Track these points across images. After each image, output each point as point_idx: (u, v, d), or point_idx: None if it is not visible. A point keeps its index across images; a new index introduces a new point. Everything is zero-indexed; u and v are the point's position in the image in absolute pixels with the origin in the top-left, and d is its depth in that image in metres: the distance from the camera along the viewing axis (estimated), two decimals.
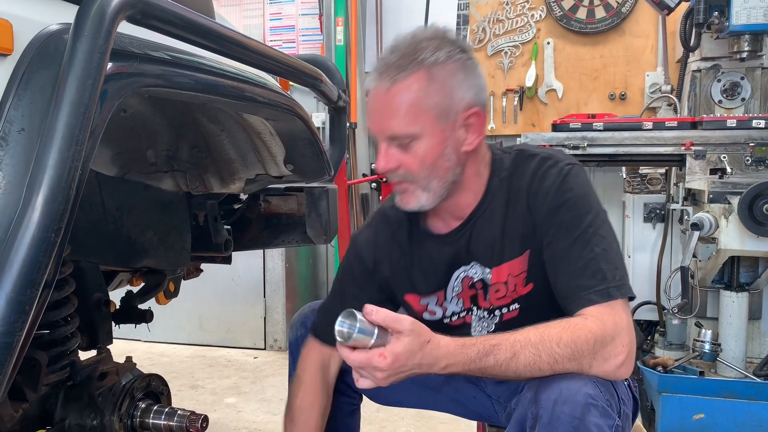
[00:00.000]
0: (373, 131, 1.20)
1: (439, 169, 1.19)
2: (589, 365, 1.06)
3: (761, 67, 2.71)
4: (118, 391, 1.35)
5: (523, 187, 1.23)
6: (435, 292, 1.33)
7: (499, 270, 1.26)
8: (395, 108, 1.14)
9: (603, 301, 1.12)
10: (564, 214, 1.18)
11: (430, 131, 1.16)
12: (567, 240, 1.17)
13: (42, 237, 0.61)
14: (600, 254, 1.15)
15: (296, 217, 1.75)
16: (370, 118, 1.19)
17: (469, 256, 1.29)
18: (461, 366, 1.04)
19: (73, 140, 0.64)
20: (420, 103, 1.14)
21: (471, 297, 1.32)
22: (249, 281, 3.47)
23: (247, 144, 1.43)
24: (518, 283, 1.25)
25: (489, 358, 1.04)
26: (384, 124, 1.16)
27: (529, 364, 1.04)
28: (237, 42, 1.00)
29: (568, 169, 1.22)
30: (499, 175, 1.26)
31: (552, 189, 1.20)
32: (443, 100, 1.15)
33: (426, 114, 1.15)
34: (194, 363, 3.28)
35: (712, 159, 2.34)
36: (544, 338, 1.06)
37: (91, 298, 1.42)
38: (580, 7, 3.64)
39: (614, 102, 3.64)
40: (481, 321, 1.33)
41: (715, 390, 2.14)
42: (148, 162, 1.42)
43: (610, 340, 1.08)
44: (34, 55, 0.70)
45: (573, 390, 1.01)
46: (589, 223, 1.17)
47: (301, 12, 4.20)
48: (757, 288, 2.41)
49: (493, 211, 1.26)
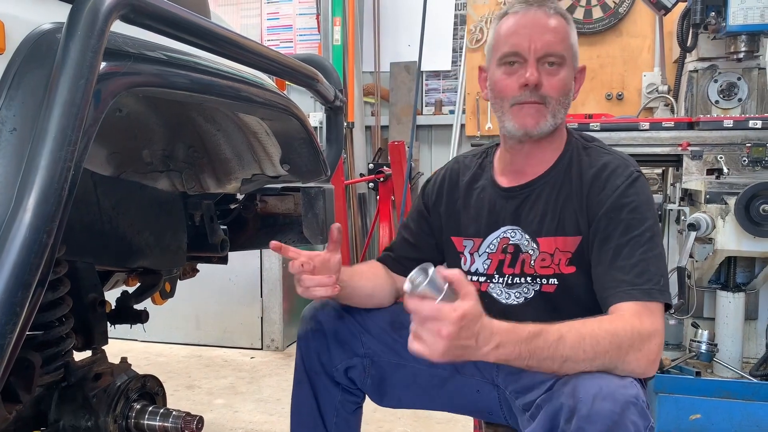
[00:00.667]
0: (526, 48, 1.29)
1: (568, 100, 1.32)
2: (626, 357, 1.07)
3: (758, 67, 2.71)
4: (112, 392, 1.34)
5: (589, 177, 1.30)
6: (474, 237, 1.41)
7: (547, 241, 1.32)
8: (555, 30, 1.29)
9: (644, 300, 1.15)
10: (626, 214, 1.24)
11: (570, 64, 1.31)
12: (623, 238, 1.22)
13: (33, 238, 0.61)
14: (651, 258, 1.20)
15: (293, 217, 1.75)
16: (522, 36, 1.29)
17: (516, 219, 1.36)
18: (512, 346, 1.03)
19: (66, 140, 0.63)
20: (569, 37, 1.32)
21: (499, 261, 1.38)
22: (246, 281, 3.46)
23: (244, 144, 1.43)
24: (563, 259, 1.30)
25: (539, 339, 1.04)
26: (544, 41, 1.27)
27: (574, 345, 1.05)
28: (232, 41, 1.00)
29: (637, 175, 1.29)
30: (571, 155, 1.35)
31: (619, 189, 1.26)
32: (575, 45, 1.34)
33: (570, 48, 1.31)
34: (191, 363, 3.27)
35: (708, 159, 2.34)
36: (585, 323, 1.08)
37: (86, 299, 1.42)
38: (577, 7, 3.64)
39: (611, 102, 3.64)
40: (517, 287, 1.36)
41: (711, 390, 2.14)
42: (143, 161, 1.41)
43: (647, 337, 1.10)
44: (26, 55, 0.69)
45: (613, 387, 1.02)
46: (647, 228, 1.23)
47: (299, 12, 4.20)
48: (754, 288, 2.41)
49: (554, 185, 1.34)
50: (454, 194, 1.47)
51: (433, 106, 4.06)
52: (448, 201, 1.47)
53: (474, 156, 1.51)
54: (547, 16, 1.30)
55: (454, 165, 1.53)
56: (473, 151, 1.55)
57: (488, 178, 1.43)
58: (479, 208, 1.42)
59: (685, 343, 2.55)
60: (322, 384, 1.42)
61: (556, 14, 1.31)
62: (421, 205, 1.53)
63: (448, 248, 1.47)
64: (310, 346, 1.43)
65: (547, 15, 1.30)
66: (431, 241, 1.50)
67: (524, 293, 1.36)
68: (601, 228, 1.25)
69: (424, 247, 1.51)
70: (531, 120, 1.29)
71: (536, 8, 1.31)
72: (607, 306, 1.18)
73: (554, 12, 1.31)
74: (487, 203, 1.41)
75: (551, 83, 1.28)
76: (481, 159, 1.49)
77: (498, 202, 1.39)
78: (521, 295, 1.36)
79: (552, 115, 1.30)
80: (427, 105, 4.05)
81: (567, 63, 1.30)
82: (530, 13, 1.31)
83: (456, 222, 1.45)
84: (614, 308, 1.16)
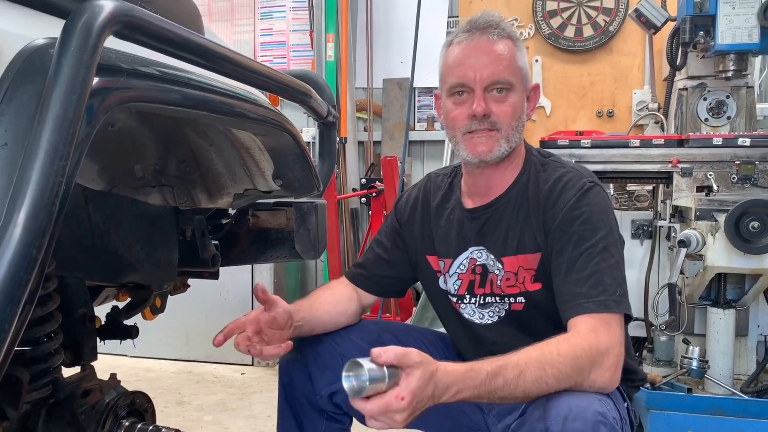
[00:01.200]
0: (472, 78, 1.28)
1: (520, 124, 1.32)
2: (589, 375, 1.07)
3: (746, 86, 2.74)
4: (101, 408, 1.32)
5: (544, 192, 1.30)
6: (445, 258, 1.42)
7: (510, 260, 1.32)
8: (500, 57, 1.28)
9: (599, 312, 1.15)
10: (577, 226, 1.23)
11: (519, 88, 1.31)
12: (576, 250, 1.22)
13: (23, 253, 0.60)
14: (605, 269, 1.19)
15: (285, 232, 1.74)
16: (467, 67, 1.28)
17: (481, 240, 1.37)
18: (471, 390, 1.03)
19: (57, 155, 0.63)
20: (517, 61, 1.30)
21: (470, 282, 1.38)
22: (237, 297, 3.44)
23: (236, 159, 1.43)
24: (527, 277, 1.30)
25: (498, 378, 1.03)
26: (489, 70, 1.27)
27: (536, 379, 1.04)
28: (226, 57, 1.00)
29: (589, 186, 1.28)
30: (528, 174, 1.35)
31: (570, 201, 1.26)
32: (524, 66, 1.33)
33: (518, 72, 1.30)
34: (180, 379, 3.24)
35: (698, 176, 2.36)
36: (543, 352, 1.07)
37: (75, 314, 1.40)
38: (568, 26, 3.68)
39: (602, 119, 3.67)
40: (489, 306, 1.36)
41: (703, 407, 2.14)
42: (135, 176, 1.41)
43: (606, 352, 1.10)
44: (19, 70, 0.69)
45: (583, 406, 1.02)
46: (600, 239, 1.22)
47: (292, 28, 4.22)
48: (744, 305, 2.42)
49: (514, 204, 1.34)
50: (427, 214, 1.47)
51: (426, 121, 4.08)
52: (422, 220, 1.48)
53: (445, 175, 1.51)
54: (490, 43, 1.28)
55: (426, 183, 1.53)
56: (444, 169, 1.55)
57: (456, 199, 1.44)
58: (449, 229, 1.42)
59: (677, 360, 2.55)
60: (305, 414, 1.41)
61: (501, 38, 1.29)
62: (394, 221, 1.53)
63: (424, 267, 1.47)
64: (291, 376, 1.42)
65: (491, 42, 1.28)
66: (405, 258, 1.50)
67: (497, 312, 1.36)
68: (555, 241, 1.25)
69: (398, 264, 1.51)
70: (484, 147, 1.29)
71: (479, 35, 1.29)
72: (565, 320, 1.18)
73: (498, 37, 1.29)
74: (456, 224, 1.41)
75: (501, 109, 1.28)
76: (450, 178, 1.49)
77: (465, 223, 1.40)
78: (494, 314, 1.37)
79: (506, 140, 1.29)
80: (419, 121, 4.07)
81: (515, 87, 1.29)
82: (473, 42, 1.29)
83: (430, 241, 1.46)
84: (572, 322, 1.16)
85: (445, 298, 1.44)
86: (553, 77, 3.72)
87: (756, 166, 2.29)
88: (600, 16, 3.63)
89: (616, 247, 1.24)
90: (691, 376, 2.36)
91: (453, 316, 1.44)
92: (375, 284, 1.51)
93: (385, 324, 1.54)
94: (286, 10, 4.21)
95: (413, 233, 1.48)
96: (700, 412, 2.12)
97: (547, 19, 3.69)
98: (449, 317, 1.46)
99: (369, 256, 1.55)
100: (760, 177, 2.29)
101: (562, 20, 3.68)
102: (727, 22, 2.49)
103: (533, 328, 1.26)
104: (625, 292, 1.20)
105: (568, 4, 3.68)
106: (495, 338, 1.34)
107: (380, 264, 1.52)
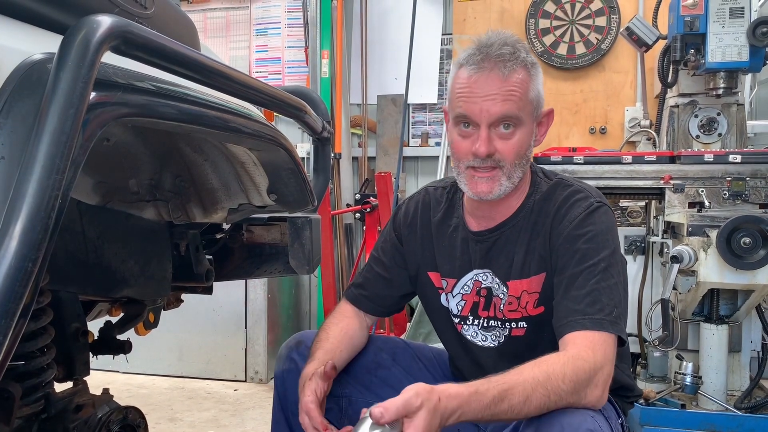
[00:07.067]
0: (477, 114, 1.23)
1: (524, 160, 1.28)
2: (583, 394, 1.08)
3: (737, 103, 2.77)
4: (93, 424, 1.32)
5: (550, 212, 1.30)
6: (448, 277, 1.41)
7: (515, 284, 1.31)
8: (509, 94, 1.22)
9: (594, 330, 1.14)
10: (581, 243, 1.23)
11: (528, 120, 1.26)
12: (578, 267, 1.21)
13: (19, 266, 0.60)
14: (604, 288, 1.19)
15: (279, 247, 1.74)
16: (473, 101, 1.23)
17: (487, 262, 1.35)
18: (474, 413, 1.02)
19: (54, 169, 0.63)
20: (528, 93, 1.25)
21: (473, 303, 1.37)
22: (230, 312, 3.43)
23: (231, 174, 1.43)
24: (530, 301, 1.30)
25: (503, 403, 1.03)
26: (496, 108, 1.21)
27: (540, 406, 1.04)
28: (221, 73, 1.01)
29: (597, 205, 1.27)
30: (535, 196, 1.34)
31: (576, 219, 1.25)
32: (537, 96, 1.27)
33: (528, 105, 1.25)
34: (173, 395, 3.22)
35: (690, 192, 2.38)
36: (550, 377, 1.06)
37: (68, 329, 1.40)
38: (561, 43, 3.72)
39: (594, 136, 3.69)
40: (492, 330, 1.36)
41: (696, 423, 2.14)
42: (130, 191, 1.41)
43: (599, 369, 1.10)
44: (17, 84, 0.70)
45: (575, 425, 1.03)
46: (603, 259, 1.21)
47: (287, 44, 4.25)
48: (737, 320, 2.43)
49: (521, 228, 1.33)
50: (428, 229, 1.45)
51: (420, 138, 4.10)
52: (422, 235, 1.45)
53: (443, 188, 1.48)
54: (501, 78, 1.21)
55: (424, 197, 1.49)
56: (442, 182, 1.52)
57: (459, 217, 1.42)
58: (452, 248, 1.40)
59: (670, 376, 2.55)
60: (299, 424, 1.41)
61: (514, 70, 1.22)
62: (393, 236, 1.51)
63: (425, 282, 1.46)
64: (286, 387, 1.42)
65: (502, 77, 1.21)
66: (404, 274, 1.49)
67: (498, 336, 1.36)
68: (559, 257, 1.25)
69: (398, 282, 1.49)
70: (484, 187, 1.27)
71: (491, 67, 1.22)
72: (560, 335, 1.18)
73: (512, 69, 1.22)
74: (460, 243, 1.39)
75: (505, 148, 1.24)
76: (450, 194, 1.46)
77: (471, 245, 1.38)
78: (496, 338, 1.37)
79: (507, 178, 1.26)
80: (413, 137, 4.09)
81: (524, 121, 1.25)
82: (484, 74, 1.22)
83: (432, 258, 1.44)
84: (567, 338, 1.15)
85: (446, 316, 1.43)
86: (546, 94, 3.68)
87: (747, 183, 2.31)
88: (592, 34, 3.67)
89: (618, 269, 1.23)
90: (684, 392, 2.36)
91: (453, 335, 1.43)
92: (378, 306, 1.50)
93: (381, 342, 1.52)
94: (282, 27, 4.24)
95: (413, 248, 1.46)
96: (694, 428, 2.13)
97: (540, 37, 3.73)
98: (450, 336, 1.45)
99: (368, 275, 1.52)
100: (751, 193, 2.31)
101: (555, 38, 3.72)
102: (717, 40, 2.52)
103: (535, 351, 1.25)
104: (622, 314, 1.20)
105: (560, 23, 3.72)
106: (495, 363, 1.33)
107: (380, 283, 1.50)
